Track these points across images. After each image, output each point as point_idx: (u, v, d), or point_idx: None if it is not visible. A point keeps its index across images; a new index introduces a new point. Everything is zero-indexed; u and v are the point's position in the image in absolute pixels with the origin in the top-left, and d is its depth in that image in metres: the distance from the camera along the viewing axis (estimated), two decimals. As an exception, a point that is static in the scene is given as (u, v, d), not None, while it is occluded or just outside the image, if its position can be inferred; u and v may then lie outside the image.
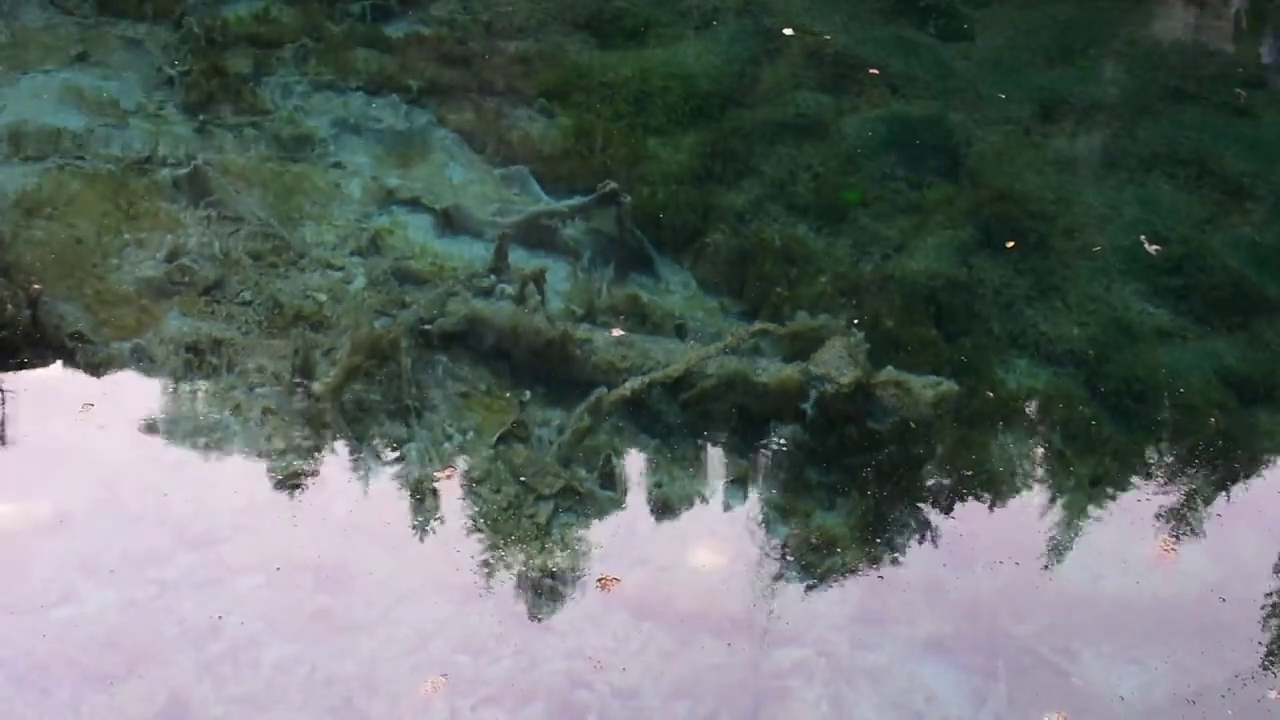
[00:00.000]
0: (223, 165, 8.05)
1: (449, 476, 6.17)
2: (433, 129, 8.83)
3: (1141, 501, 6.38)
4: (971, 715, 5.36)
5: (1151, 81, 9.82)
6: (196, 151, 8.08)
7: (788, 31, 10.04)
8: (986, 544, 6.09)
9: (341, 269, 7.39)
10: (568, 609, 5.63)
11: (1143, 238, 8.02)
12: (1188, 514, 6.33)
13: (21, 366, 6.58)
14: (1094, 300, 7.56)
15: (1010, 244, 7.89)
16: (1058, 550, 6.11)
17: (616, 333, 6.91)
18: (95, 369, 6.58)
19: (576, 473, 6.24)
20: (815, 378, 6.46)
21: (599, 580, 5.74)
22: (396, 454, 6.30)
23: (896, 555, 6.02)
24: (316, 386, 6.46)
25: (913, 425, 6.48)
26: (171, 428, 6.32)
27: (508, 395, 6.64)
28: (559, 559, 5.81)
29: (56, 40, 9.28)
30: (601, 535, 5.99)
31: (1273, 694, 5.45)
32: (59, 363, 6.62)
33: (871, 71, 9.55)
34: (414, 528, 5.95)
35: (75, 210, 7.53)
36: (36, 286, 6.89)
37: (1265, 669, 5.57)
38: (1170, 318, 7.51)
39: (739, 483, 6.34)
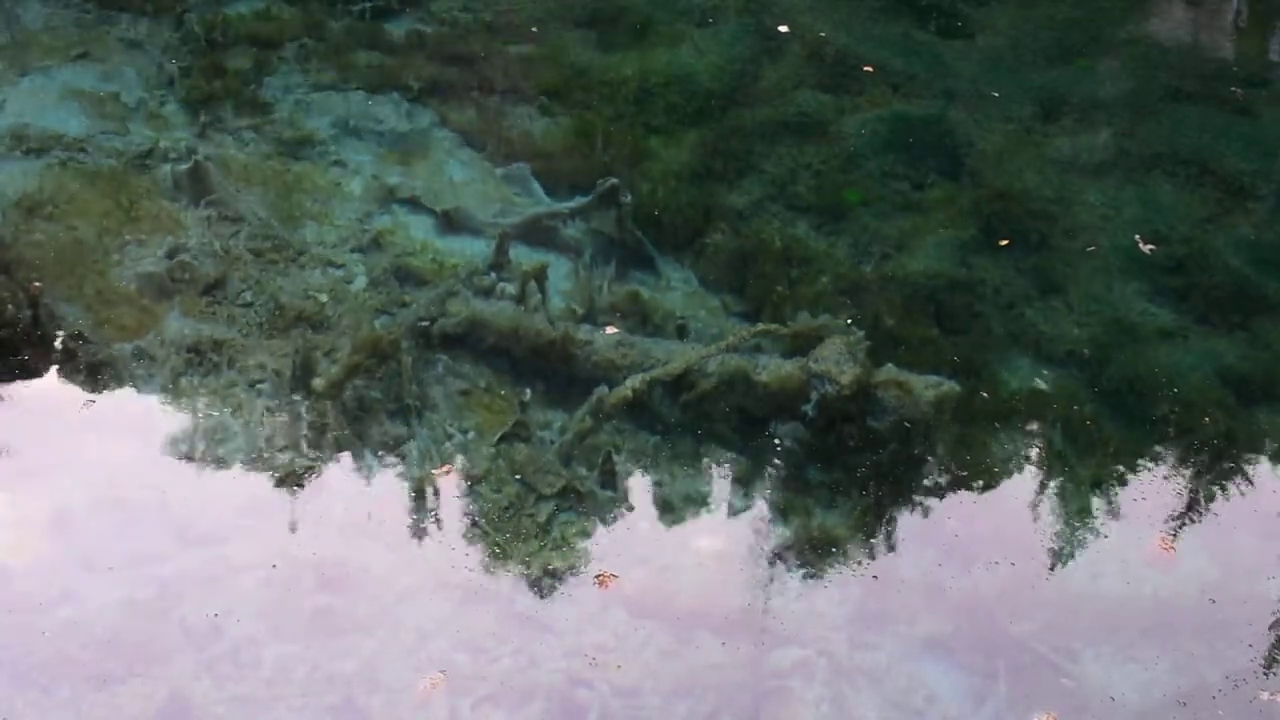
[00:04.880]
0: (223, 164, 8.05)
1: (449, 475, 6.17)
2: (433, 128, 8.83)
3: (1141, 501, 6.38)
4: (971, 714, 5.36)
5: (1151, 80, 9.81)
6: (197, 150, 8.08)
7: (783, 29, 10.03)
8: (986, 543, 6.09)
9: (342, 268, 7.40)
10: (568, 608, 5.63)
11: (1138, 237, 8.02)
12: (1187, 513, 6.34)
13: (22, 365, 6.58)
14: (1095, 300, 7.56)
15: (1004, 241, 7.89)
16: (1057, 550, 6.11)
17: (611, 330, 6.91)
18: (96, 368, 6.58)
19: (577, 472, 6.24)
20: (816, 376, 6.46)
21: (597, 577, 5.74)
22: (397, 453, 6.30)
23: (896, 555, 6.02)
24: (317, 383, 6.47)
25: (913, 425, 6.48)
26: (172, 427, 6.33)
27: (506, 394, 6.64)
28: (559, 558, 5.82)
29: (57, 39, 9.28)
30: (602, 534, 5.99)
31: (1265, 695, 5.45)
32: (59, 362, 6.63)
33: (866, 69, 9.55)
34: (414, 527, 5.96)
35: (76, 209, 7.54)
36: (37, 285, 6.90)
37: (1261, 669, 5.58)
38: (1171, 317, 7.51)
39: (739, 482, 6.34)
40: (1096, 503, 6.36)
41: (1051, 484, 6.46)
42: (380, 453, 6.30)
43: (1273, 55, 10.68)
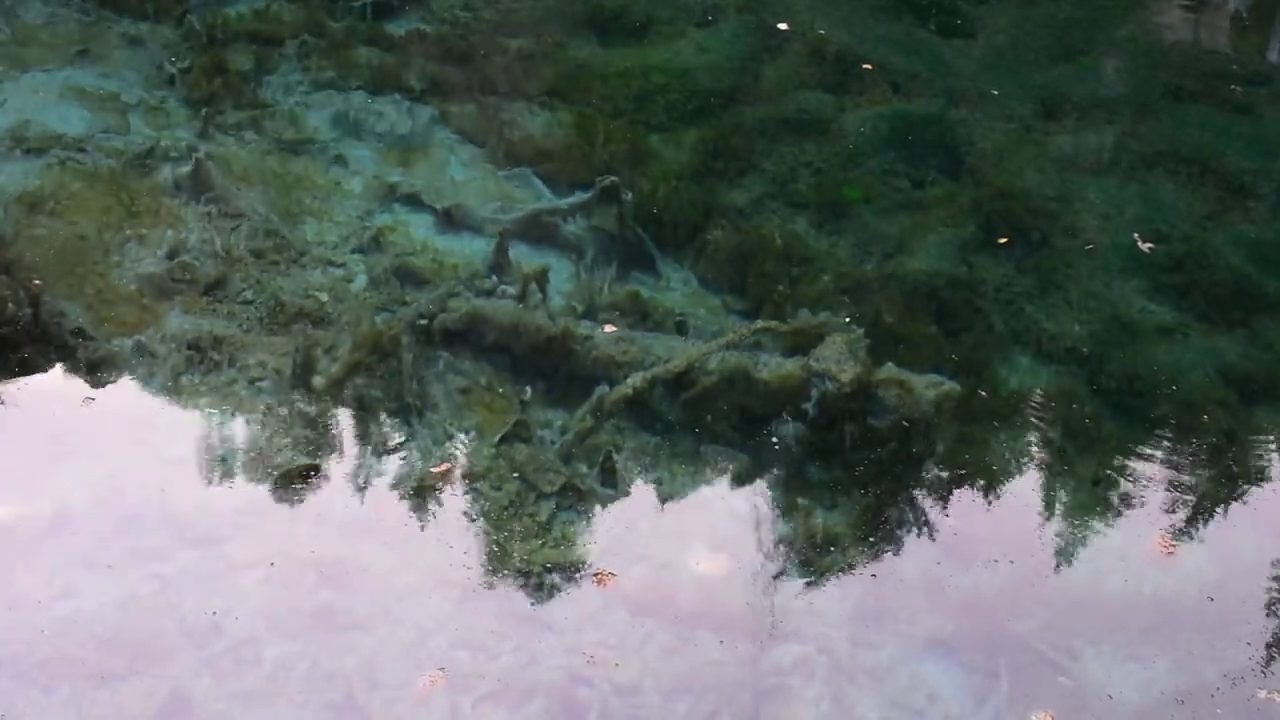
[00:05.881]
0: (224, 162, 8.05)
1: (449, 473, 6.18)
2: (434, 126, 8.84)
3: (1141, 499, 6.39)
4: (973, 713, 5.36)
5: (1152, 79, 9.82)
6: (198, 149, 8.07)
7: (783, 27, 10.03)
8: (987, 542, 6.09)
9: (343, 266, 7.40)
10: (568, 606, 5.63)
11: (1136, 236, 8.02)
12: (1188, 512, 6.34)
13: (22, 363, 6.58)
14: (1095, 298, 7.56)
15: (1003, 240, 7.89)
16: (1058, 548, 6.11)
17: (610, 328, 6.91)
18: (96, 366, 6.58)
19: (577, 470, 6.24)
20: (816, 375, 6.46)
21: (595, 575, 5.74)
22: (397, 451, 6.30)
23: (897, 553, 6.02)
24: (317, 380, 6.47)
25: (913, 423, 6.48)
26: (172, 424, 6.33)
27: (507, 392, 6.64)
28: (559, 556, 5.82)
29: (57, 37, 9.28)
30: (602, 532, 5.99)
31: (1263, 693, 5.45)
32: (60, 359, 6.63)
33: (866, 67, 9.55)
34: (414, 525, 5.96)
35: (76, 207, 7.54)
36: (38, 283, 6.90)
37: (1259, 668, 5.57)
38: (1171, 315, 7.51)
39: (739, 480, 6.34)
40: (1096, 501, 6.36)
41: (1052, 482, 6.46)
42: (380, 451, 6.30)
43: (1273, 54, 10.67)
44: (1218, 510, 6.37)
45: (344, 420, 6.40)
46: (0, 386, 6.44)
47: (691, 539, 6.04)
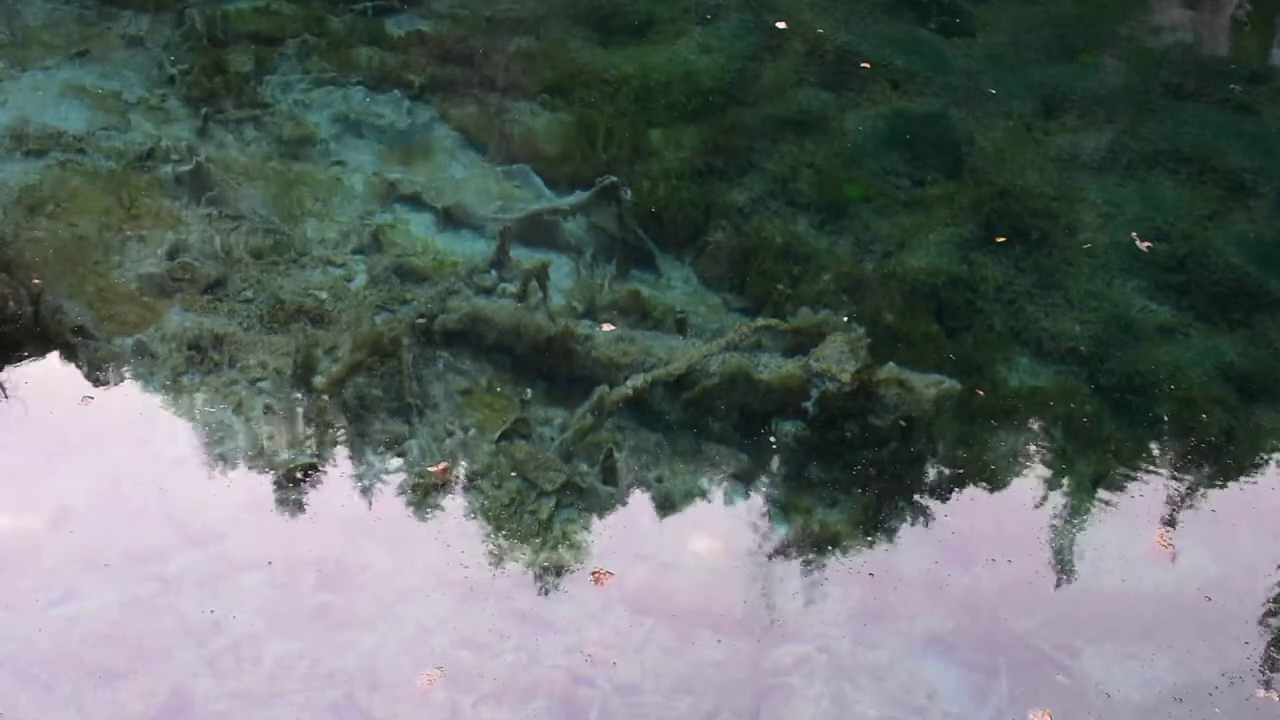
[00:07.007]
0: (224, 162, 8.05)
1: (450, 472, 6.18)
2: (434, 125, 8.84)
3: (1141, 498, 6.39)
4: (972, 711, 5.37)
5: (1153, 78, 9.82)
6: (198, 148, 8.08)
7: (782, 26, 10.03)
8: (987, 540, 6.10)
9: (343, 266, 7.40)
10: (569, 605, 5.64)
11: (1134, 235, 8.02)
12: (1187, 511, 6.34)
13: (22, 363, 6.58)
14: (1096, 297, 7.56)
15: (1003, 238, 7.89)
16: (1058, 547, 6.11)
17: (607, 328, 6.91)
18: (97, 365, 6.59)
19: (578, 469, 6.25)
20: (817, 374, 6.47)
21: (593, 574, 5.75)
22: (398, 450, 6.30)
23: (897, 552, 6.02)
24: (318, 380, 6.47)
25: (913, 422, 6.48)
26: (173, 424, 6.33)
27: (507, 391, 6.64)
28: (560, 555, 5.82)
29: (57, 36, 9.28)
30: (603, 531, 6.00)
31: (1261, 692, 5.46)
32: (61, 358, 6.63)
33: (866, 66, 9.55)
34: (414, 523, 5.96)
35: (77, 207, 7.54)
36: (38, 282, 6.90)
37: (1257, 667, 5.58)
38: (1172, 314, 7.51)
39: (740, 479, 6.34)
40: (1096, 500, 6.36)
41: (1051, 481, 6.46)
42: (381, 450, 6.30)
43: (1273, 53, 10.67)
44: (1217, 509, 6.37)
45: (344, 419, 6.40)
46: (0, 386, 6.44)
47: (692, 538, 6.05)
